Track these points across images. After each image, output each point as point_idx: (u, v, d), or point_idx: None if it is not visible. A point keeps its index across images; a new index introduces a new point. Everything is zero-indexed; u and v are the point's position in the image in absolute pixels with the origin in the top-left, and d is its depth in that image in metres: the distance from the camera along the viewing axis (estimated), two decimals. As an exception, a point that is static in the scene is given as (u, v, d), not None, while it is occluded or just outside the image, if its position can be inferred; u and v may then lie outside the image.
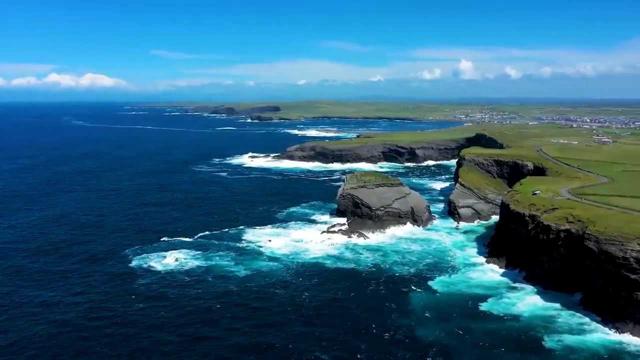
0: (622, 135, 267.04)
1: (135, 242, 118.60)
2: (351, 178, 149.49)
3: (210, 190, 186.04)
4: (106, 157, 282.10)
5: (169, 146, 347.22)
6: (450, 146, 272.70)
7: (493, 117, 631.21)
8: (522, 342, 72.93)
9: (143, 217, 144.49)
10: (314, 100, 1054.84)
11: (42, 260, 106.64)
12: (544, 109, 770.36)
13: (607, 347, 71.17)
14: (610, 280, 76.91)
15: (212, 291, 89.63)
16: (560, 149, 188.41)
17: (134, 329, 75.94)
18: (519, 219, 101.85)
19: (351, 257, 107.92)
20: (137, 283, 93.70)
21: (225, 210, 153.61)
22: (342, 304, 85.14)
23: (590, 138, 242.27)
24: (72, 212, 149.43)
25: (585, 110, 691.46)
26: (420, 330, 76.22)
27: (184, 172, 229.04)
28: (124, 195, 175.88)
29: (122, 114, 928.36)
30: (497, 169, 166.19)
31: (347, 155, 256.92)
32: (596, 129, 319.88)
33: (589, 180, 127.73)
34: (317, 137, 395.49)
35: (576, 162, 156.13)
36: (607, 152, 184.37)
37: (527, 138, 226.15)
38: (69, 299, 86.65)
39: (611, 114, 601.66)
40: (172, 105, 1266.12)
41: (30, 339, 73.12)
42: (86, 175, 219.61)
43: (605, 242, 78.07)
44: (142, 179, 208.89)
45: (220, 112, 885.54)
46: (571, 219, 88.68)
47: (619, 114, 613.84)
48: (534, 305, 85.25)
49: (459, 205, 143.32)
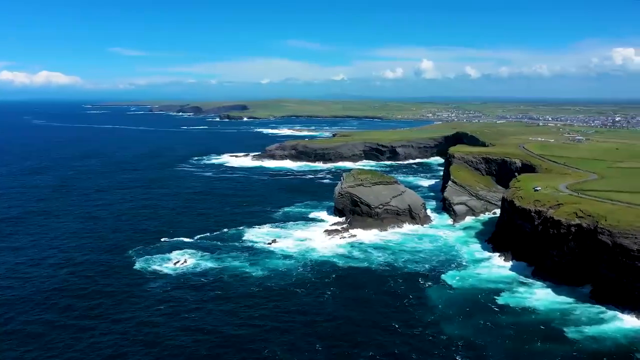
0: (589, 134, 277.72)
1: (136, 244, 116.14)
2: (348, 176, 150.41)
3: (198, 190, 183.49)
4: (90, 159, 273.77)
5: (143, 146, 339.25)
6: (430, 144, 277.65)
7: (459, 115, 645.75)
8: (545, 334, 75.38)
9: (138, 219, 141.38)
10: (281, 98, 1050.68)
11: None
12: (506, 107, 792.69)
13: (626, 336, 74.46)
14: (625, 272, 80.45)
15: (233, 292, 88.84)
16: (541, 146, 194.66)
17: (161, 329, 74.64)
18: (524, 214, 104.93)
19: (362, 256, 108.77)
20: (150, 286, 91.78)
21: (219, 210, 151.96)
22: (365, 302, 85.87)
23: (562, 136, 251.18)
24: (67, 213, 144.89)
25: (545, 109, 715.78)
26: (447, 326, 77.72)
27: (167, 173, 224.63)
28: (114, 196, 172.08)
29: (85, 112, 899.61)
30: (486, 166, 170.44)
31: (330, 154, 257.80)
32: (562, 128, 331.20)
33: (579, 176, 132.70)
34: (292, 136, 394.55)
35: (560, 159, 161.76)
36: (585, 149, 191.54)
37: (506, 136, 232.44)
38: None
39: (570, 113, 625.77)
40: (134, 104, 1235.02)
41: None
42: (77, 179, 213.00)
43: (619, 235, 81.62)
44: (126, 180, 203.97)
45: (186, 111, 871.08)
46: (581, 214, 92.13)
47: (577, 112, 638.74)
48: (547, 298, 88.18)
49: (454, 202, 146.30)
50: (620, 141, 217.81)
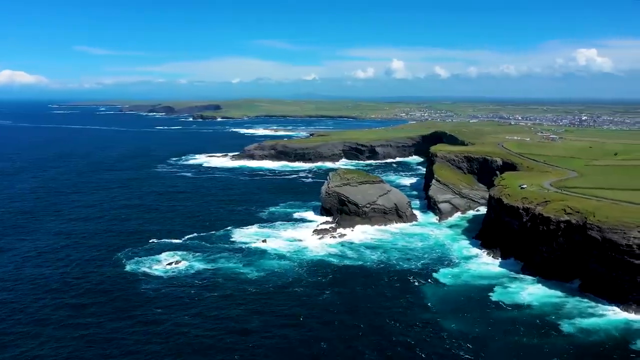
0: (560, 132, 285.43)
1: (124, 245, 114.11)
2: (334, 176, 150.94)
3: (180, 190, 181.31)
4: (67, 161, 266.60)
5: (119, 147, 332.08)
6: (408, 144, 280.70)
7: (432, 115, 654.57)
8: (541, 327, 77.45)
9: (123, 220, 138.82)
10: (253, 98, 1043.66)
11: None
12: (476, 107, 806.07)
13: (617, 327, 77.21)
14: (614, 266, 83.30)
15: (230, 293, 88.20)
16: (519, 145, 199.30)
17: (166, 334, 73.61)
18: (513, 212, 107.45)
19: (355, 255, 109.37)
20: (144, 288, 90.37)
21: (204, 211, 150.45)
22: (364, 300, 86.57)
23: (536, 135, 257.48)
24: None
25: (514, 109, 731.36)
26: (446, 322, 78.97)
27: (147, 173, 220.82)
28: (94, 197, 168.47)
29: (52, 113, 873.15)
30: (468, 165, 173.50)
31: (309, 153, 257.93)
32: (533, 127, 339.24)
33: (560, 174, 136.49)
34: (269, 136, 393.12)
35: (539, 157, 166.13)
36: (560, 147, 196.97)
37: (484, 135, 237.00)
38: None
39: (539, 112, 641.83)
40: (103, 104, 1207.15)
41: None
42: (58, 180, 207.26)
43: (608, 231, 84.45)
44: (104, 181, 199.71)
45: (158, 111, 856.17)
46: (569, 211, 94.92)
47: (545, 112, 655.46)
48: (538, 292, 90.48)
49: (439, 200, 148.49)
50: (592, 140, 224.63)
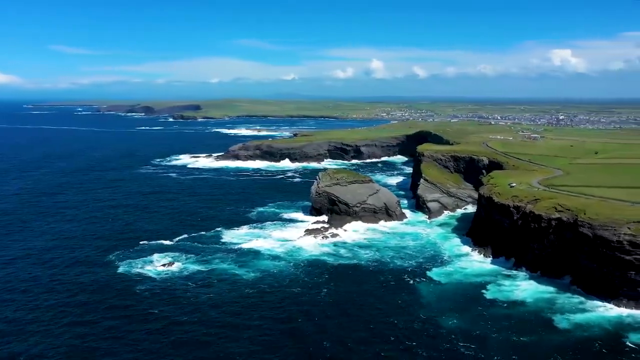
0: (540, 132, 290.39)
1: (115, 247, 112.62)
2: (324, 176, 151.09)
3: (166, 191, 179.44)
4: (50, 162, 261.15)
5: (101, 148, 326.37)
6: (392, 143, 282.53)
7: (412, 114, 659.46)
8: (537, 323, 78.66)
9: (111, 221, 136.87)
10: (234, 98, 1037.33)
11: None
12: (455, 107, 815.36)
13: (610, 322, 78.86)
14: (605, 262, 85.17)
15: (227, 295, 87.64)
16: (503, 144, 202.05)
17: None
18: (503, 210, 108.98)
19: (349, 255, 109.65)
20: (139, 289, 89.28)
21: (192, 211, 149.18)
22: (362, 299, 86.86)
23: (517, 134, 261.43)
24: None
25: (493, 109, 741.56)
26: (444, 320, 79.66)
27: (131, 174, 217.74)
28: (79, 197, 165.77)
29: (28, 113, 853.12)
30: (454, 164, 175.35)
31: (295, 153, 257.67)
32: (513, 126, 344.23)
33: (547, 172, 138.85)
34: (253, 136, 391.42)
35: (524, 156, 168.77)
36: (543, 147, 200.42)
37: (468, 134, 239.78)
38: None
39: (517, 112, 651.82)
40: (80, 104, 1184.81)
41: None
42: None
43: (599, 227, 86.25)
44: (89, 181, 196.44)
45: (137, 111, 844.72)
46: (560, 209, 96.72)
47: (523, 112, 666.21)
48: (531, 289, 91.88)
49: (427, 199, 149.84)
50: (572, 139, 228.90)
